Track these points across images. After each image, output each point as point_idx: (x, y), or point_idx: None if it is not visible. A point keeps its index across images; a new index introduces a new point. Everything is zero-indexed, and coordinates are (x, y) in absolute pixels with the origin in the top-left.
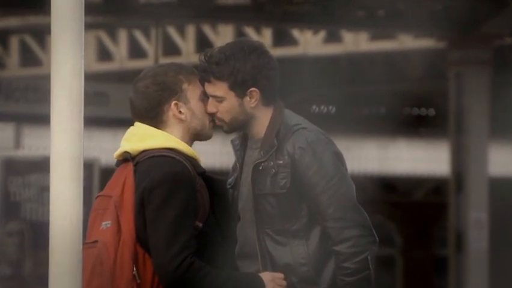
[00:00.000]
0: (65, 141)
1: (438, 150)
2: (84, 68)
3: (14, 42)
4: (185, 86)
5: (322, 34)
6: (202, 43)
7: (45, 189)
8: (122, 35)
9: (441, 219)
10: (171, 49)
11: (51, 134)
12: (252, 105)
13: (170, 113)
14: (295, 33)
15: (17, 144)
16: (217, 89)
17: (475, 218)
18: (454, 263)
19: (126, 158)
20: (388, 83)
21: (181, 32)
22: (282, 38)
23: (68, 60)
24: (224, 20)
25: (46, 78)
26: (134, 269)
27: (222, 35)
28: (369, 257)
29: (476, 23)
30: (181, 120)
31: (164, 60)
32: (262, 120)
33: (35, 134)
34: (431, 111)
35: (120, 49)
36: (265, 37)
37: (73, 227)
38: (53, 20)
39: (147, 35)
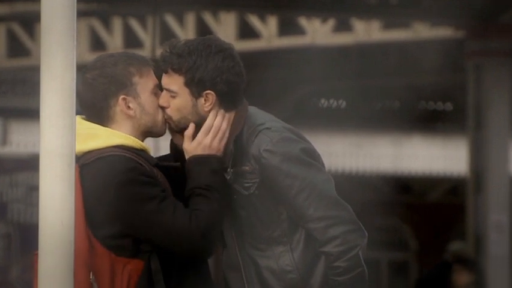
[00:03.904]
0: (55, 137)
1: (456, 147)
2: (76, 59)
3: (1, 31)
4: (135, 79)
5: (331, 23)
6: (203, 32)
7: (34, 189)
8: (117, 24)
9: (460, 221)
10: (169, 39)
11: (40, 129)
12: (206, 109)
13: (118, 108)
14: (303, 21)
15: (4, 140)
16: (173, 81)
17: (495, 220)
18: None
19: None
20: (402, 76)
21: (180, 21)
22: (288, 27)
23: (59, 50)
24: (226, 8)
25: (35, 70)
26: (91, 276)
27: (224, 24)
28: (360, 253)
29: (497, 12)
30: (129, 116)
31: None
32: None
33: (24, 129)
34: (448, 106)
35: (115, 39)
36: (270, 26)
37: (64, 229)
38: (43, 8)
39: (143, 23)
